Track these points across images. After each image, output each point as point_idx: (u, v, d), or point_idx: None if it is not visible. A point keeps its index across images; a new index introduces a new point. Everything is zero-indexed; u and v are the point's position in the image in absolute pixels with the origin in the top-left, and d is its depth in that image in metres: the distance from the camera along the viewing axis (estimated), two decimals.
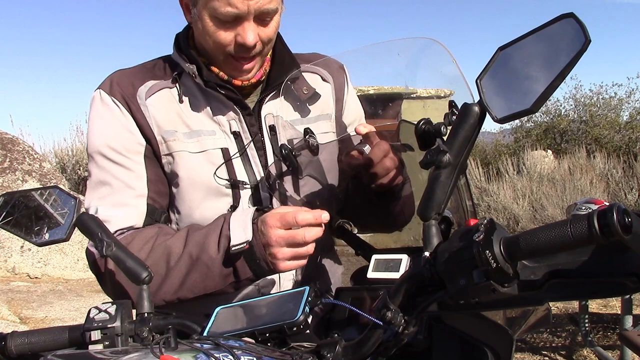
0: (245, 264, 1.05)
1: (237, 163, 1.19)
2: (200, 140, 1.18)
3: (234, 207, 1.18)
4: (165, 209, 1.21)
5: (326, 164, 1.27)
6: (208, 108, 1.20)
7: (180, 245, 1.08)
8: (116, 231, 1.14)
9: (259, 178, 1.20)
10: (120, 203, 1.15)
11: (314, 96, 1.28)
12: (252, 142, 1.20)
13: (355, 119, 1.36)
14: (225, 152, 1.18)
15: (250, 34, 1.10)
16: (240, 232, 1.03)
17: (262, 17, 1.11)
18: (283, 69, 1.24)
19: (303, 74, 1.28)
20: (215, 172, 1.16)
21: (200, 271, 1.06)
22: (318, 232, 1.01)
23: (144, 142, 1.18)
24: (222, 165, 1.17)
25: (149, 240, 1.10)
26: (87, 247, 1.13)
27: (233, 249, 1.02)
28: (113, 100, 1.17)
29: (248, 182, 1.19)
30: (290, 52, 1.28)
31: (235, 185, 1.18)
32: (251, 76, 1.19)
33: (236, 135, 1.20)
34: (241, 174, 1.19)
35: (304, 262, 1.05)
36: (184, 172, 1.17)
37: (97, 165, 1.18)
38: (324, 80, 1.32)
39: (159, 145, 1.18)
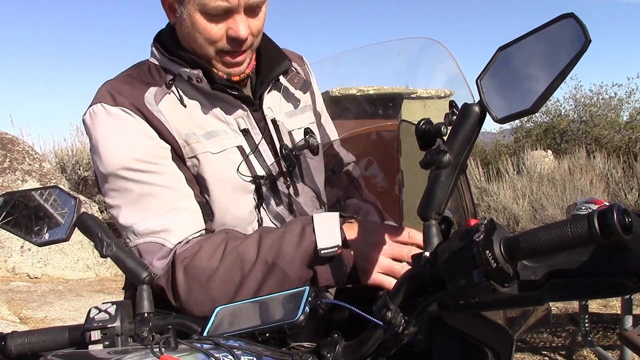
0: (328, 268, 1.00)
1: (252, 159, 1.19)
2: (217, 140, 1.16)
3: (259, 203, 1.17)
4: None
5: (318, 163, 1.29)
6: (214, 109, 1.18)
7: (253, 251, 1.03)
8: (181, 241, 1.07)
9: (274, 172, 1.20)
10: (171, 209, 1.08)
11: (305, 84, 1.31)
12: (263, 138, 1.20)
13: (322, 107, 1.40)
14: (241, 149, 1.17)
15: (242, 26, 1.09)
16: (327, 237, 0.99)
17: (252, 9, 1.10)
18: (272, 62, 1.23)
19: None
20: (237, 170, 1.15)
21: (276, 277, 1.01)
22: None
23: (167, 146, 1.12)
24: (242, 162, 1.16)
25: (218, 247, 1.05)
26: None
27: (322, 252, 0.98)
28: (122, 110, 1.10)
29: (267, 177, 1.19)
30: (276, 45, 1.28)
31: (256, 181, 1.17)
32: (243, 69, 1.17)
33: (245, 132, 1.19)
34: (258, 170, 1.19)
35: (392, 281, 1.00)
36: (210, 173, 1.14)
37: (127, 181, 1.08)
38: (297, 72, 1.34)
39: (182, 149, 1.13)
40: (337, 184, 1.36)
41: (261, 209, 1.18)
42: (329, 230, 1.00)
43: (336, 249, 0.98)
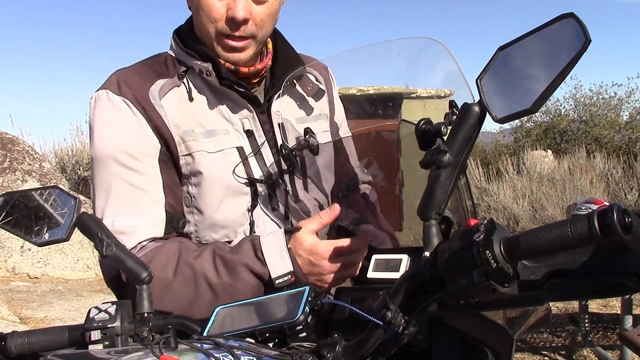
0: (285, 288, 1.03)
1: (252, 162, 1.18)
2: (217, 139, 1.16)
3: (253, 206, 1.17)
4: (182, 214, 1.18)
5: (325, 162, 1.28)
6: (220, 106, 1.18)
7: (209, 271, 1.05)
8: (138, 244, 1.10)
9: (274, 176, 1.20)
10: (139, 211, 1.11)
11: (319, 92, 1.30)
12: (266, 141, 1.20)
13: (343, 119, 1.40)
14: (240, 151, 1.17)
15: (241, 8, 1.09)
16: (279, 262, 1.03)
17: None
18: (288, 66, 1.23)
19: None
20: (233, 171, 1.15)
21: (233, 297, 1.02)
22: (364, 251, 1.05)
23: (158, 145, 1.14)
24: (239, 164, 1.16)
25: (171, 257, 1.07)
26: (100, 261, 1.12)
27: (277, 282, 1.02)
28: (124, 101, 1.12)
29: (265, 181, 1.18)
30: (294, 49, 1.28)
31: (253, 184, 1.17)
32: (244, 57, 1.16)
33: (249, 133, 1.19)
34: (257, 173, 1.18)
35: (348, 277, 1.06)
36: (204, 172, 1.14)
37: (109, 171, 1.12)
38: (317, 81, 1.33)
39: (177, 146, 1.14)
40: (352, 205, 1.35)
41: (254, 212, 1.18)
42: (278, 255, 1.03)
43: (290, 276, 1.02)
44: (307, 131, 1.17)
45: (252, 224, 1.18)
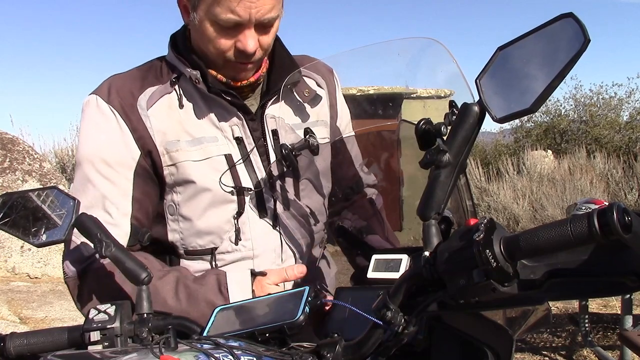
0: None
1: (241, 169, 1.18)
2: (204, 147, 1.16)
3: (239, 214, 1.17)
4: (149, 228, 1.18)
5: (321, 167, 1.27)
6: (210, 114, 1.17)
7: (169, 293, 1.05)
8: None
9: (262, 183, 1.19)
10: (103, 221, 1.09)
11: (315, 98, 1.29)
12: (255, 148, 1.19)
13: (347, 123, 1.38)
14: (228, 158, 1.16)
15: (251, 41, 1.09)
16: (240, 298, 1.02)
17: (263, 25, 1.10)
18: (283, 72, 1.22)
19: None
20: (220, 179, 1.15)
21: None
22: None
23: (137, 157, 1.14)
24: (227, 171, 1.16)
25: None
26: (62, 265, 1.13)
27: None
28: (110, 109, 1.13)
29: (252, 188, 1.18)
30: (290, 55, 1.27)
31: (240, 191, 1.16)
32: (248, 75, 1.18)
33: (239, 140, 1.18)
34: (245, 180, 1.17)
35: None
36: (189, 180, 1.14)
37: (85, 175, 1.14)
38: (318, 85, 1.32)
39: (160, 157, 1.14)
40: (359, 210, 1.34)
41: (240, 219, 1.17)
42: (242, 293, 1.03)
43: None
44: (307, 131, 1.17)
45: (237, 231, 1.17)
